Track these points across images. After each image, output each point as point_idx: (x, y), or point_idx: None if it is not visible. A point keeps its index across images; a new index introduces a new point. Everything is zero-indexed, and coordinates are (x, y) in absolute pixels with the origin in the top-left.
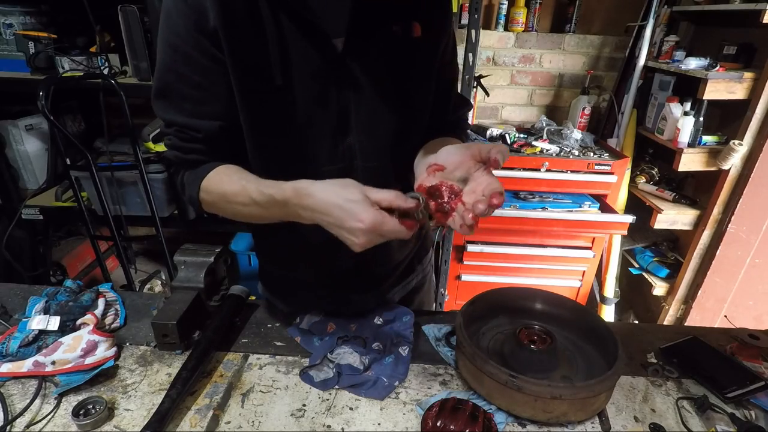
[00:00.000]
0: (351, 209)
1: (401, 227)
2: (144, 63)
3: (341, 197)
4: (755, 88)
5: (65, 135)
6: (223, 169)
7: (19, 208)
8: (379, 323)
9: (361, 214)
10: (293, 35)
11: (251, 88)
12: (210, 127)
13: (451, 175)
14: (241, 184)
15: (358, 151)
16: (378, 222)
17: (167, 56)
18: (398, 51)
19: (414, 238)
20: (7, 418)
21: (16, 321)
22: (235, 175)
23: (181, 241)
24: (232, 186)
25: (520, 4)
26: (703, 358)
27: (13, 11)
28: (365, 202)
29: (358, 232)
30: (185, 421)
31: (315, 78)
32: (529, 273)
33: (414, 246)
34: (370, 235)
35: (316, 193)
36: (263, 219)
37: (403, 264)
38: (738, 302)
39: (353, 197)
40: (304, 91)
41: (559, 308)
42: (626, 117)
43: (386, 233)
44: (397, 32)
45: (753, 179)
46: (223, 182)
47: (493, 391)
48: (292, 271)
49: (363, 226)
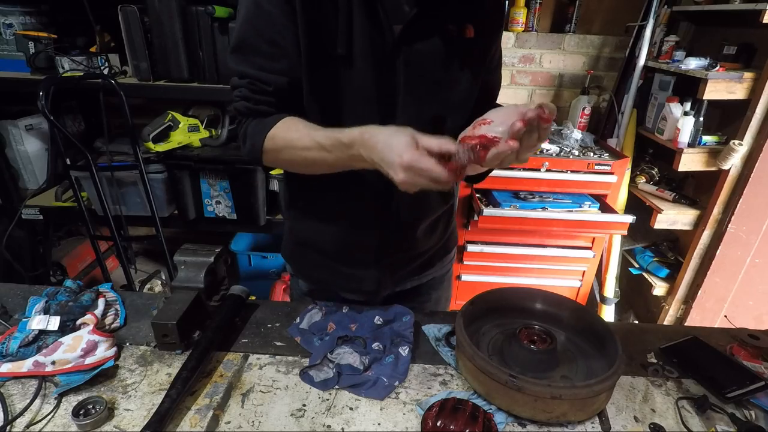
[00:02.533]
0: (394, 145)
1: (439, 167)
2: (144, 63)
3: (393, 137)
4: (755, 88)
5: (65, 135)
6: (290, 119)
7: (19, 208)
8: (379, 323)
9: (402, 151)
10: (360, 12)
11: (315, 51)
12: (279, 82)
13: (494, 129)
14: (307, 131)
15: None
16: (415, 159)
17: (248, 10)
18: (449, 49)
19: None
20: (7, 418)
21: (16, 321)
22: (301, 123)
23: (181, 241)
24: (299, 132)
25: (520, 4)
26: (703, 358)
27: (13, 11)
28: (409, 143)
29: (397, 167)
30: (185, 421)
31: (373, 57)
32: (529, 273)
33: (438, 241)
34: (408, 172)
35: (376, 134)
36: (322, 163)
37: (424, 255)
38: (738, 302)
39: (402, 136)
40: (362, 67)
41: (559, 308)
42: (626, 117)
43: (424, 171)
44: (451, 31)
45: (753, 179)
46: (290, 129)
47: (493, 391)
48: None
49: (400, 160)
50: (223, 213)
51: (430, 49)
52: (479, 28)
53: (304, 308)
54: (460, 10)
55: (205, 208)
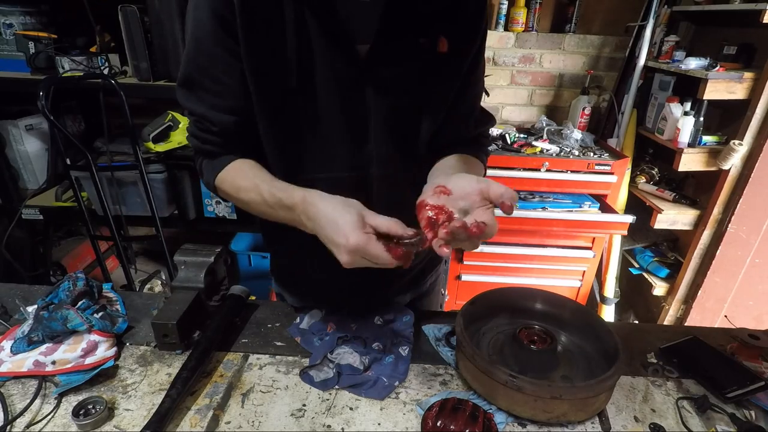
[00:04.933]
0: (341, 226)
1: (385, 254)
2: (144, 63)
3: (338, 213)
4: (755, 88)
5: (65, 135)
6: (239, 164)
7: (19, 208)
8: (379, 323)
9: (348, 233)
10: (317, 37)
11: (267, 87)
12: (226, 121)
13: (454, 203)
14: (254, 182)
15: (375, 159)
16: (362, 244)
17: (191, 47)
18: (422, 64)
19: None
20: (7, 418)
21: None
22: (251, 171)
23: (181, 241)
24: (246, 182)
25: (520, 4)
26: (703, 358)
27: (13, 11)
28: (356, 223)
29: (342, 250)
30: (185, 421)
31: (337, 82)
32: (529, 273)
33: (426, 256)
34: (353, 255)
35: (318, 204)
36: (271, 218)
37: (414, 270)
38: (738, 302)
39: (348, 215)
40: (325, 96)
41: (559, 308)
42: (626, 117)
43: (370, 257)
44: (423, 45)
45: (753, 179)
46: (238, 177)
47: (493, 391)
48: (301, 267)
49: (346, 243)
50: (223, 213)
51: (402, 69)
52: (454, 40)
53: None
54: (431, 22)
55: (205, 208)
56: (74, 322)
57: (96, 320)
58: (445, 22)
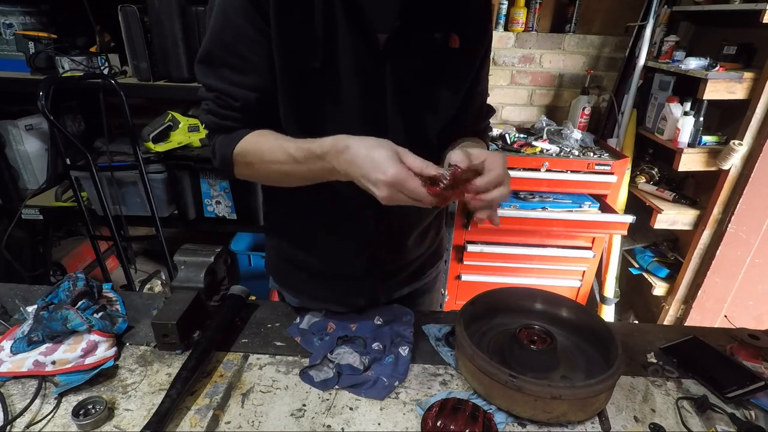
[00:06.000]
0: (378, 161)
1: (422, 189)
2: (144, 63)
3: (374, 150)
4: (755, 88)
5: (65, 135)
6: (260, 132)
7: (19, 208)
8: (379, 323)
9: (386, 168)
10: (342, 21)
11: (292, 67)
12: (248, 97)
13: None
14: (278, 142)
15: None
16: (401, 178)
17: (218, 22)
18: (435, 58)
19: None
20: (7, 418)
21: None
22: (272, 135)
23: (181, 241)
24: (270, 144)
25: (520, 4)
26: (703, 358)
27: (13, 11)
28: (393, 159)
29: (381, 184)
30: (185, 421)
31: (357, 68)
32: (529, 273)
33: (428, 248)
34: (392, 189)
35: (352, 145)
36: (297, 176)
37: (415, 264)
38: (738, 302)
39: (384, 151)
40: (346, 79)
41: (559, 308)
42: (626, 117)
43: (408, 191)
44: (437, 39)
45: (753, 179)
46: (260, 141)
47: (493, 391)
48: (304, 260)
49: (385, 178)
50: (223, 213)
51: (417, 59)
52: (464, 37)
53: None
54: (444, 18)
55: (205, 208)
56: (74, 322)
57: (96, 320)
58: (456, 20)
